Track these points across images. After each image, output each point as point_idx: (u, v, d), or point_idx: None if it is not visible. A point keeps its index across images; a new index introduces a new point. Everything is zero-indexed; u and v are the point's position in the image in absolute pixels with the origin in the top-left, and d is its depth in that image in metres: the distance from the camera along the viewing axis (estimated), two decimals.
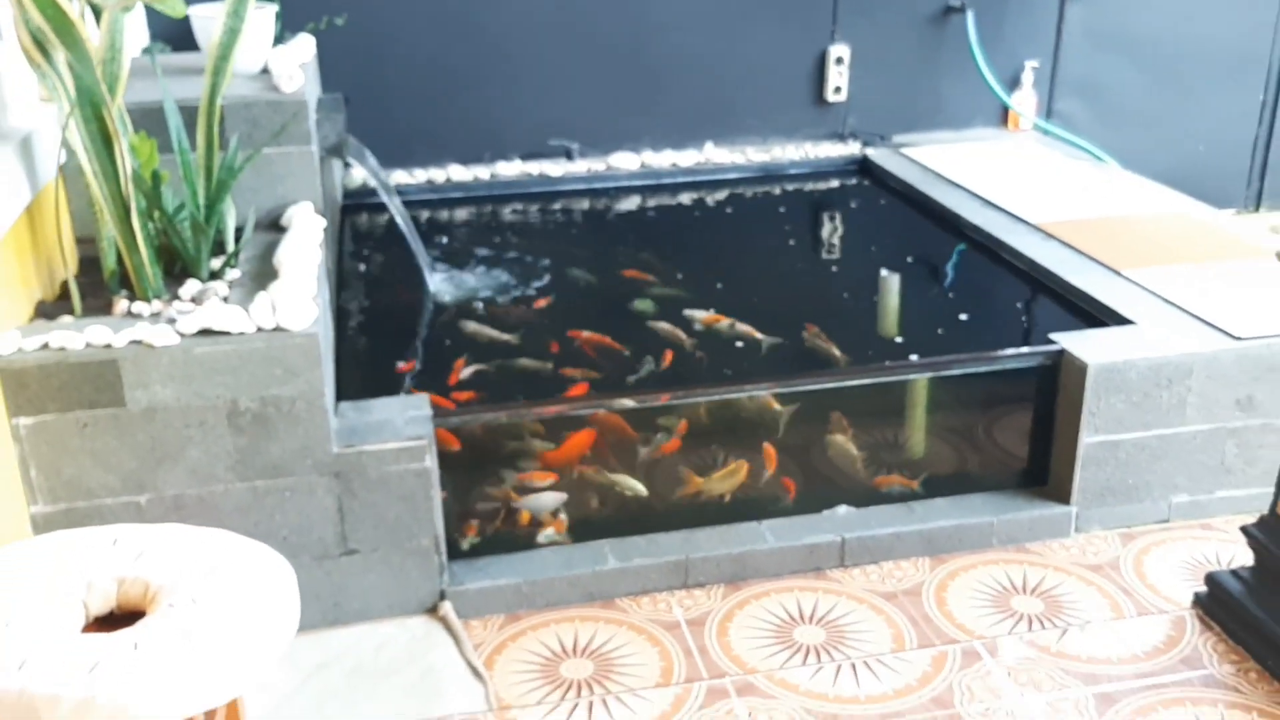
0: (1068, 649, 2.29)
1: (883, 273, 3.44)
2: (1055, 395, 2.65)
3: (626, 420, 2.60)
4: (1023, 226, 3.38)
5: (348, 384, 2.57)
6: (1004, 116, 4.38)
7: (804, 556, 2.55)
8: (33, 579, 1.61)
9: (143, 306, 2.27)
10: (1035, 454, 2.74)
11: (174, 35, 3.40)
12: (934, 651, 2.29)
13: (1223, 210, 3.72)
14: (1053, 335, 2.68)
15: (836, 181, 4.18)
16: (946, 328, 3.00)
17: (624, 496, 2.59)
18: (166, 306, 2.27)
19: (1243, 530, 2.31)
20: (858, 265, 3.61)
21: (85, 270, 2.46)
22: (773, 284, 3.37)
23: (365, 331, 3.07)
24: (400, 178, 3.95)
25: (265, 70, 2.89)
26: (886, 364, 2.76)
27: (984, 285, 3.33)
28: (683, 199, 4.04)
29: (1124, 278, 2.97)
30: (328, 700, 2.20)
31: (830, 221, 4.08)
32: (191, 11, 2.66)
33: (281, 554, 1.76)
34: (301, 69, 2.85)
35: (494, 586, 2.42)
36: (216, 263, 2.46)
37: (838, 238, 3.95)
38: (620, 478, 2.59)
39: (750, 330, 2.97)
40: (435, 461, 2.34)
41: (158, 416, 2.16)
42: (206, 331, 2.17)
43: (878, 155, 4.18)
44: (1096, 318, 2.83)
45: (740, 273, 3.42)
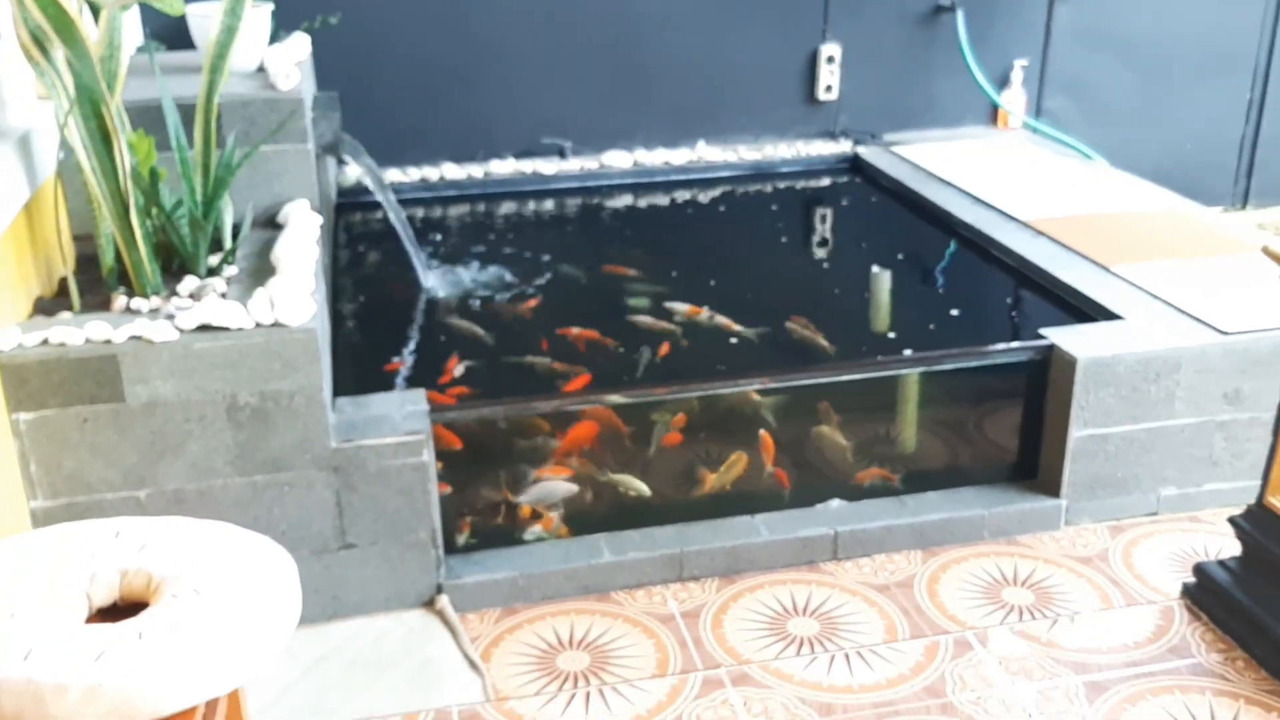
0: (1058, 639, 2.32)
1: (874, 269, 3.47)
2: (1045, 389, 2.68)
3: (623, 414, 2.62)
4: (1012, 223, 3.41)
5: (342, 380, 2.59)
6: (993, 115, 4.42)
7: (797, 550, 2.57)
8: (36, 571, 1.63)
9: (141, 303, 2.28)
10: (1025, 448, 2.76)
11: (168, 34, 3.42)
12: (926, 642, 2.32)
13: (1210, 208, 3.74)
14: (1042, 330, 2.71)
15: (828, 180, 4.21)
16: (938, 323, 3.03)
17: (624, 495, 2.61)
18: (165, 303, 2.28)
19: (1230, 521, 2.34)
20: (849, 262, 3.64)
21: (82, 267, 2.47)
22: (765, 281, 3.40)
23: (360, 328, 3.08)
24: (394, 176, 3.96)
25: (261, 69, 2.90)
26: (879, 359, 2.79)
27: (974, 281, 3.36)
28: (675, 197, 4.06)
29: (1112, 274, 3.00)
30: (327, 692, 2.22)
31: (822, 219, 4.10)
32: (188, 10, 2.67)
33: None
34: (297, 67, 2.86)
35: (490, 580, 2.44)
36: (214, 259, 2.48)
37: (829, 235, 3.98)
38: (623, 477, 2.61)
39: (728, 323, 3.00)
40: (433, 456, 2.35)
41: (157, 411, 2.17)
42: (205, 327, 2.18)
43: (869, 153, 4.21)
44: (1085, 313, 2.86)
45: (733, 270, 3.44)
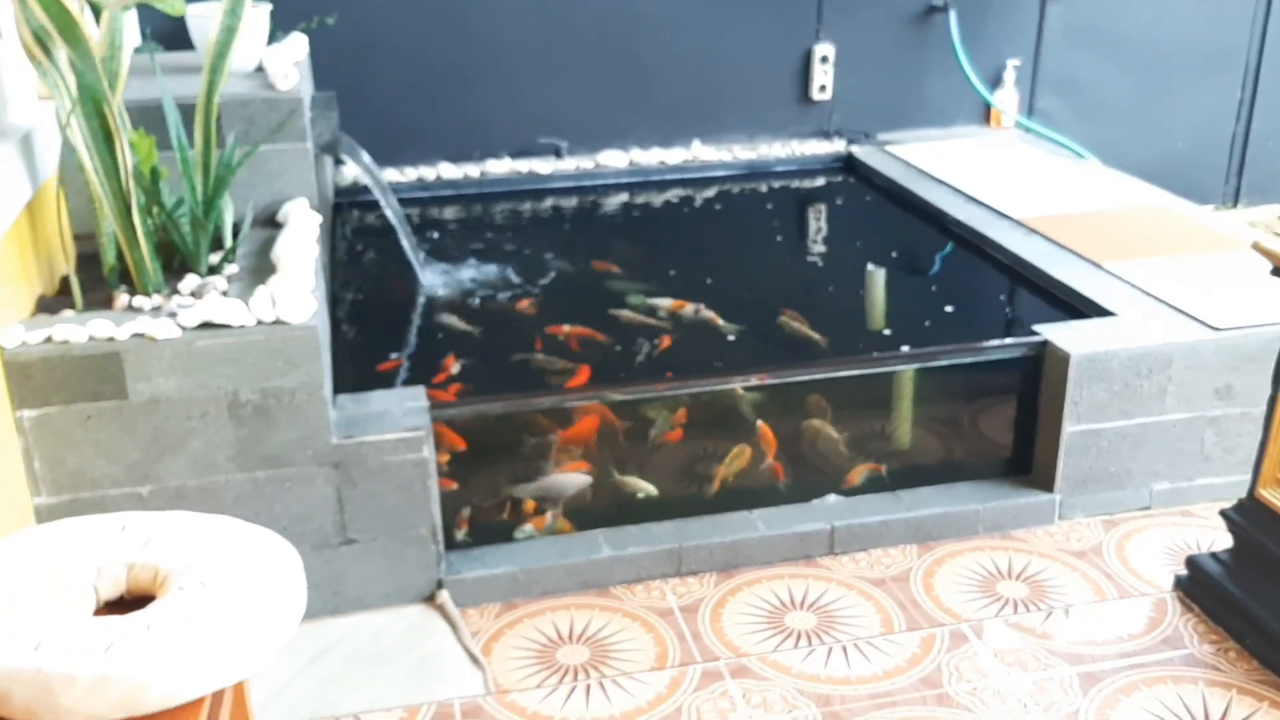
0: (1052, 631, 2.35)
1: (869, 267, 3.49)
2: (1039, 385, 2.70)
3: (622, 410, 2.64)
4: (1006, 221, 3.44)
5: (340, 378, 2.60)
6: (986, 114, 4.45)
7: (794, 544, 2.59)
8: (43, 564, 1.64)
9: (143, 301, 2.30)
10: (1019, 443, 2.79)
11: (165, 34, 3.43)
12: (922, 634, 2.34)
13: (1202, 206, 3.77)
14: (1036, 327, 2.73)
15: (822, 179, 4.23)
16: (932, 320, 3.05)
17: (625, 494, 2.63)
18: (166, 301, 2.30)
19: (1222, 514, 2.37)
20: (844, 260, 3.66)
21: (83, 266, 2.48)
22: (760, 278, 3.42)
23: (358, 326, 3.10)
24: (391, 176, 3.97)
25: (260, 69, 2.92)
26: (874, 355, 2.81)
27: (968, 279, 3.39)
28: (671, 196, 4.08)
29: (1105, 271, 3.03)
30: (328, 686, 2.23)
31: (816, 218, 4.13)
32: (187, 10, 2.68)
33: None
34: (296, 67, 2.88)
35: (490, 575, 2.46)
36: (215, 258, 2.49)
37: (824, 233, 4.00)
38: (630, 479, 2.63)
39: (714, 317, 3.03)
40: (433, 452, 2.37)
41: (160, 408, 2.19)
42: (208, 324, 2.20)
43: (862, 152, 4.23)
44: (1078, 309, 2.89)
45: (728, 268, 3.47)
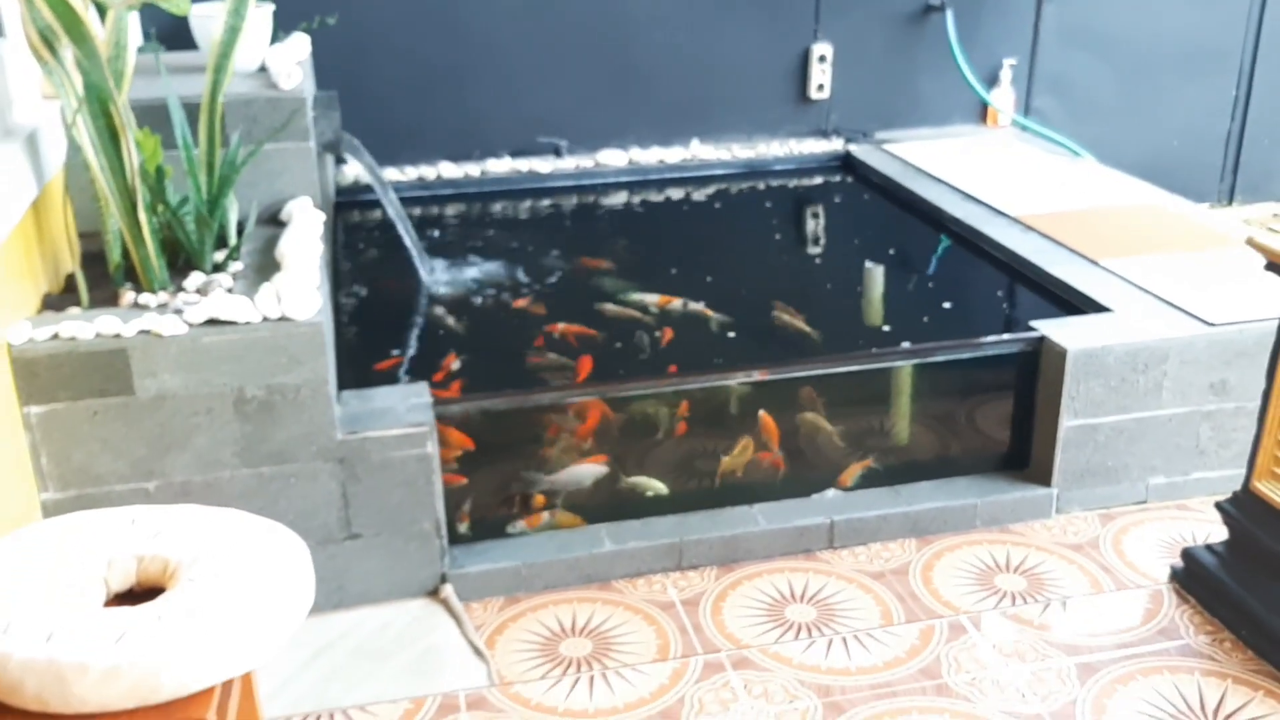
0: (1050, 622, 2.37)
1: (867, 265, 3.52)
2: (1036, 380, 2.73)
3: (621, 406, 2.66)
4: (1002, 219, 3.46)
5: (343, 375, 2.62)
6: (983, 113, 4.47)
7: (794, 538, 2.62)
8: (54, 557, 1.66)
9: (149, 298, 2.32)
10: (1017, 438, 2.82)
11: (167, 34, 3.45)
12: (921, 626, 2.37)
13: (1197, 204, 3.80)
14: (1033, 323, 2.75)
15: (820, 177, 4.26)
16: (930, 317, 3.08)
17: (632, 493, 2.65)
18: (172, 298, 2.32)
19: (1217, 506, 2.39)
20: (842, 258, 3.69)
21: (88, 264, 2.49)
22: (759, 276, 3.45)
23: (361, 324, 3.12)
24: (391, 175, 3.99)
25: (263, 68, 2.94)
26: (873, 351, 2.83)
27: (966, 276, 3.41)
28: (670, 195, 4.11)
29: (1101, 267, 3.05)
30: (332, 679, 2.25)
31: (814, 216, 4.15)
32: (191, 10, 2.70)
33: None
34: (298, 67, 2.90)
35: (494, 569, 2.48)
36: (219, 255, 2.51)
37: (822, 232, 4.03)
38: (641, 479, 2.65)
39: (704, 309, 3.07)
40: (436, 447, 2.39)
41: (166, 404, 2.21)
42: (213, 321, 2.22)
43: (860, 151, 4.26)
44: (1075, 306, 2.91)
45: (727, 266, 3.49)
